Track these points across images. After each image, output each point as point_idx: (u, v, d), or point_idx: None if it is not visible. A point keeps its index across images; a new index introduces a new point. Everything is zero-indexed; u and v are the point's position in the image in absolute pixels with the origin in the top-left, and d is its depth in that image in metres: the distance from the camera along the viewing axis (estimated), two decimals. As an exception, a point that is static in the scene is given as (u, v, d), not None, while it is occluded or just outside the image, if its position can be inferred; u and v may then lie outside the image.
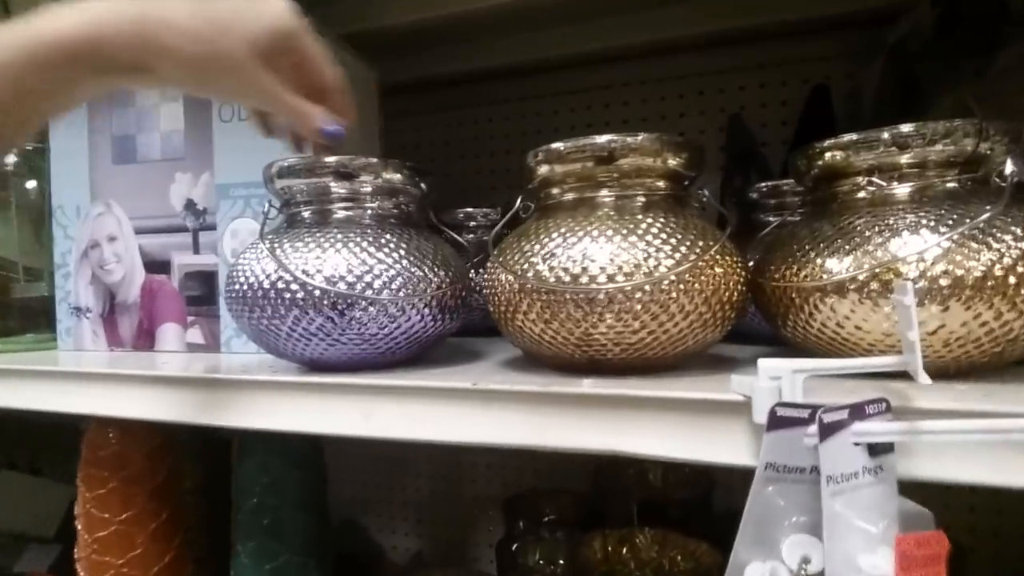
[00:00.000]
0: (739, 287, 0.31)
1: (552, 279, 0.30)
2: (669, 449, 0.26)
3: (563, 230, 0.31)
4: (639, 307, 0.29)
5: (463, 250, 0.43)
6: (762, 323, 0.34)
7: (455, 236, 0.42)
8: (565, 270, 0.30)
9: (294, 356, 0.36)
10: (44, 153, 0.54)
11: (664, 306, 0.29)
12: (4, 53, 0.25)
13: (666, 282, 0.29)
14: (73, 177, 0.51)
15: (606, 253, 0.30)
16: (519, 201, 0.36)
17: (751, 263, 0.35)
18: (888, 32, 0.55)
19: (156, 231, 0.49)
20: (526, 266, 0.31)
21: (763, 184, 0.45)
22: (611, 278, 0.29)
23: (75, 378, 0.41)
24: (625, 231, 0.30)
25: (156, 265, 0.49)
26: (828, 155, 0.31)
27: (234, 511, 0.48)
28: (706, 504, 0.68)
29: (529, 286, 0.31)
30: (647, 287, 0.29)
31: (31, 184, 0.55)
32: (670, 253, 0.29)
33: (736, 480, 0.25)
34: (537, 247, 0.31)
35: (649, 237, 0.30)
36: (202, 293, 0.48)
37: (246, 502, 0.47)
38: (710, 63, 0.66)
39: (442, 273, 0.35)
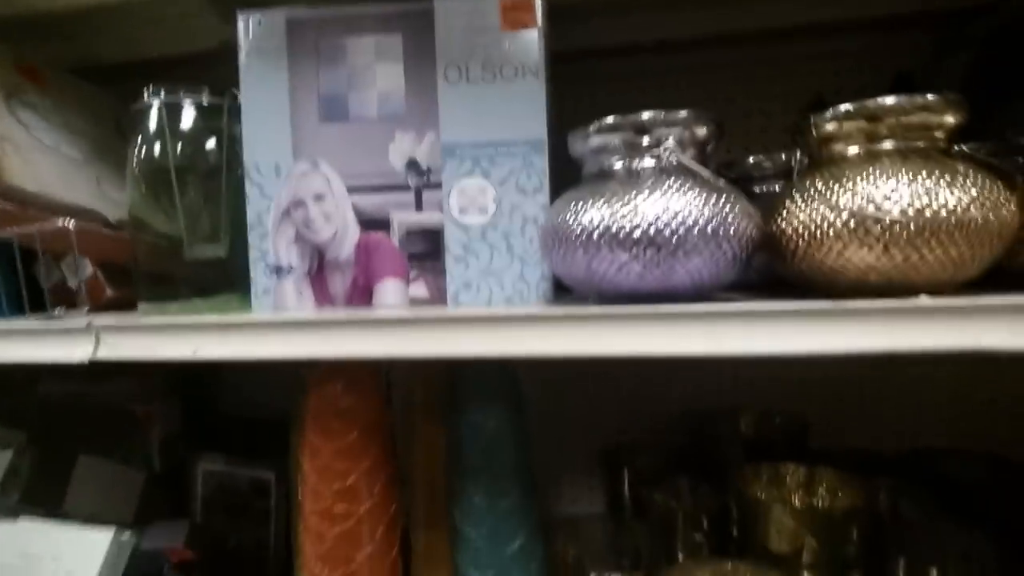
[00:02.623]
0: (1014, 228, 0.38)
1: (877, 211, 0.36)
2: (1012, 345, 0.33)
3: (874, 173, 0.37)
4: (938, 238, 0.36)
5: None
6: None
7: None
8: (884, 204, 0.36)
9: (608, 290, 0.39)
10: (223, 111, 0.53)
11: (961, 238, 0.36)
12: None
13: (969, 217, 0.36)
14: (271, 135, 0.51)
15: (917, 190, 0.36)
16: (797, 155, 0.41)
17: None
18: (973, 25, 0.65)
19: (372, 190, 0.50)
20: (850, 202, 0.37)
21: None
22: (918, 212, 0.35)
23: (305, 326, 0.42)
24: (925, 172, 0.37)
25: (372, 223, 0.50)
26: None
27: (454, 460, 0.51)
28: (803, 444, 0.77)
29: (859, 220, 0.36)
30: (952, 220, 0.35)
31: (210, 144, 0.53)
32: (972, 192, 0.36)
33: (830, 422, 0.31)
34: (853, 187, 0.37)
35: (948, 177, 0.36)
36: (425, 250, 0.50)
37: (471, 448, 0.50)
38: (799, 51, 0.75)
39: (747, 217, 0.39)
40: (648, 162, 0.40)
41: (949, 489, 0.65)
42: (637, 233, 0.37)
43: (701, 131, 0.40)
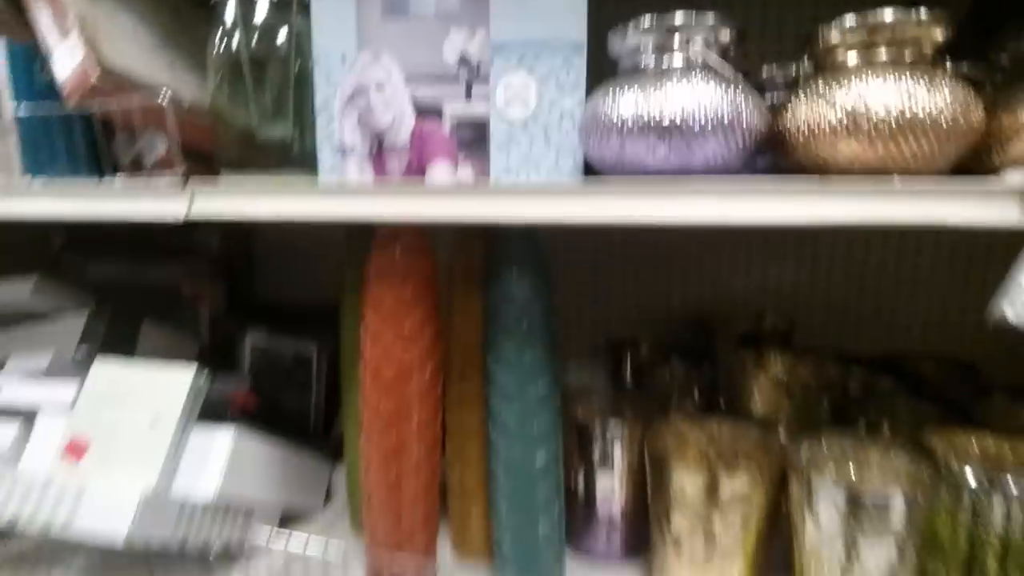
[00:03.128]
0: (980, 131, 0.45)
1: (867, 109, 0.43)
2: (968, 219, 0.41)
3: (868, 77, 0.44)
4: (915, 134, 0.43)
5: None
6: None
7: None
8: (873, 103, 0.43)
9: (635, 172, 0.47)
10: (293, 4, 0.58)
11: (934, 135, 0.43)
12: None
13: (943, 118, 0.43)
14: (338, 27, 0.57)
15: (902, 93, 0.43)
16: (804, 61, 0.48)
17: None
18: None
19: (427, 81, 0.57)
20: (846, 100, 0.44)
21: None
22: (900, 112, 0.42)
23: (368, 192, 0.50)
24: (910, 79, 0.43)
25: (426, 112, 0.57)
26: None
27: (491, 319, 0.59)
28: (789, 342, 0.87)
29: (851, 116, 0.43)
30: (928, 119, 0.43)
31: (281, 35, 0.59)
32: (948, 98, 0.43)
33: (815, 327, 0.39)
34: (849, 88, 0.44)
35: (929, 84, 0.43)
36: (472, 138, 0.57)
37: (506, 309, 0.58)
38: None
39: (758, 112, 0.46)
40: (677, 59, 0.46)
41: (914, 382, 0.75)
42: (666, 120, 0.44)
43: (725, 34, 0.46)
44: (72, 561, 0.70)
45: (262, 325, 0.94)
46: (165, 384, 0.64)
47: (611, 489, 0.69)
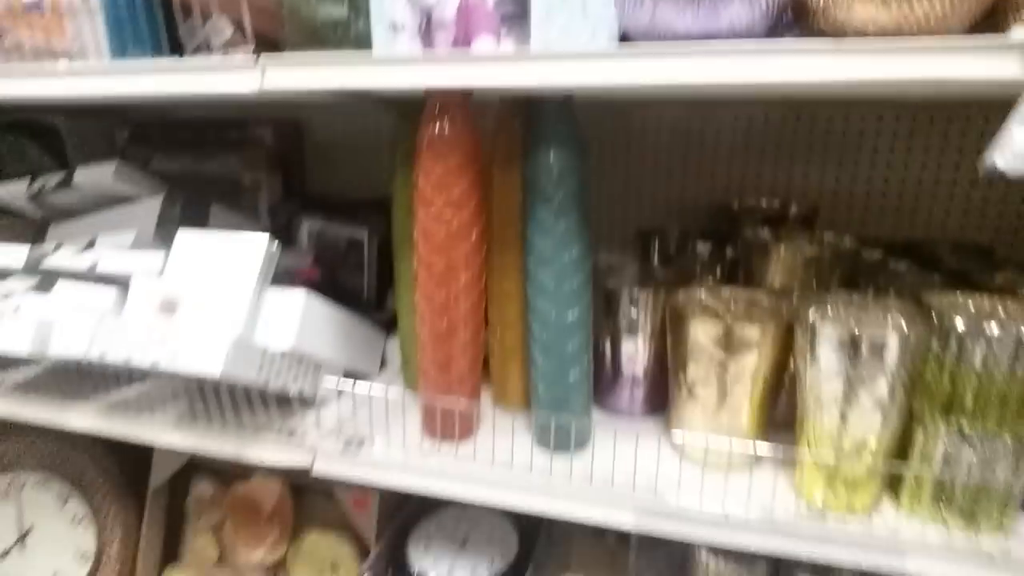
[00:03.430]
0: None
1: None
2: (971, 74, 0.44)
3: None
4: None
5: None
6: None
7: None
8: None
9: (665, 38, 0.51)
10: None
11: None
12: None
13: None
14: (388, -93, 0.60)
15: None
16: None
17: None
18: None
19: (472, -42, 0.60)
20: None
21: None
22: None
23: (420, 61, 0.55)
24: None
25: (472, -11, 0.61)
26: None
27: (530, 187, 0.65)
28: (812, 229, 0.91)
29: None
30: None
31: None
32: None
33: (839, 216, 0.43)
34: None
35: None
36: (515, 13, 0.61)
37: (545, 177, 0.64)
38: None
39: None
40: (708, -72, 0.50)
41: (929, 264, 0.79)
42: (694, -16, 0.48)
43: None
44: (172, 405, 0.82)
45: (316, 213, 1.02)
46: (243, 249, 0.72)
47: (635, 351, 0.77)
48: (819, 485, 0.62)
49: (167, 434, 0.78)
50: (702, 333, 0.65)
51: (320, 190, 1.21)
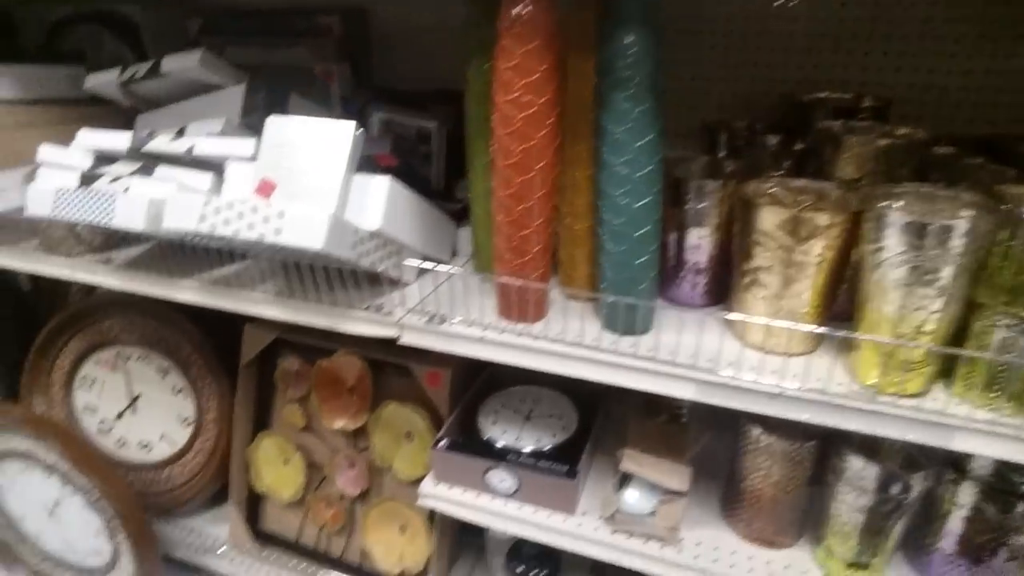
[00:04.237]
0: None
1: None
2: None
3: None
4: None
5: None
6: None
7: None
8: None
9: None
10: None
11: None
12: None
13: None
14: None
15: None
16: None
17: None
18: None
19: None
20: None
21: None
22: None
23: None
24: None
25: None
26: None
27: (605, 72, 0.66)
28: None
29: None
30: None
31: None
32: None
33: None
34: None
35: None
36: None
37: (621, 61, 0.65)
38: None
39: None
40: None
41: (1007, 159, 0.78)
42: None
43: None
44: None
45: (386, 103, 1.05)
46: (331, 135, 0.77)
47: (699, 242, 0.80)
48: (875, 368, 0.66)
49: (267, 307, 0.86)
50: (770, 220, 0.67)
51: (386, 80, 1.23)
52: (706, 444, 0.97)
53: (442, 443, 0.93)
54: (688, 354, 0.71)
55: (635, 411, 1.05)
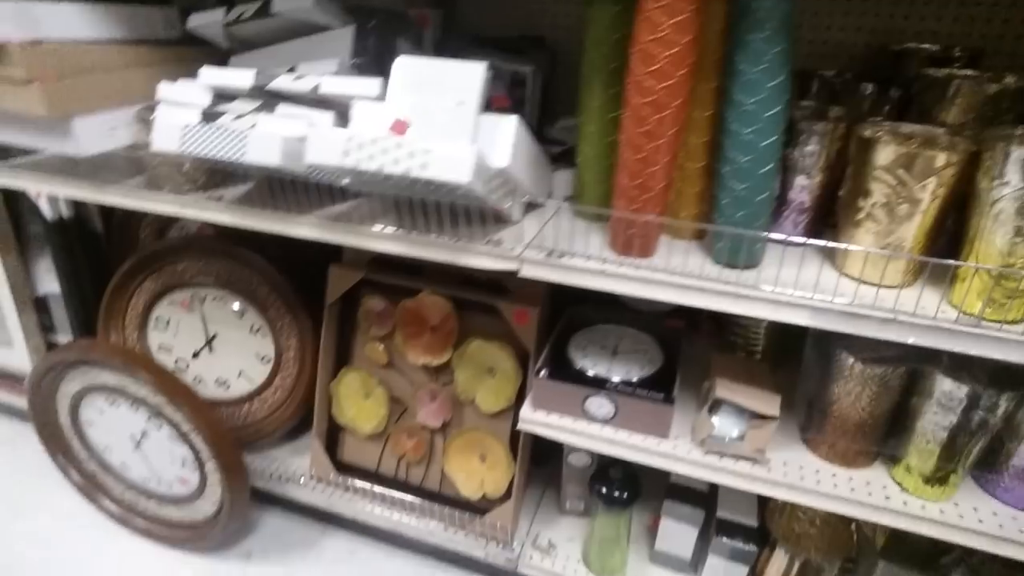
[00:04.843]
0: None
1: None
2: None
3: None
4: None
5: None
6: None
7: None
8: None
9: None
10: None
11: None
12: None
13: None
14: None
15: None
16: None
17: None
18: None
19: None
20: None
21: None
22: None
23: None
24: None
25: None
26: None
27: (739, 24, 0.70)
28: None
29: None
30: None
31: None
32: None
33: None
34: None
35: None
36: None
37: (752, 12, 0.69)
38: None
39: None
40: None
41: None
42: None
43: None
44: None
45: (479, 48, 1.07)
46: (462, 74, 0.80)
47: (806, 182, 0.85)
48: (978, 297, 0.72)
49: (388, 243, 0.90)
50: (889, 157, 0.72)
51: (472, 27, 1.24)
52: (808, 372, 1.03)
53: (543, 372, 0.99)
54: (801, 284, 0.77)
55: (715, 348, 1.12)
